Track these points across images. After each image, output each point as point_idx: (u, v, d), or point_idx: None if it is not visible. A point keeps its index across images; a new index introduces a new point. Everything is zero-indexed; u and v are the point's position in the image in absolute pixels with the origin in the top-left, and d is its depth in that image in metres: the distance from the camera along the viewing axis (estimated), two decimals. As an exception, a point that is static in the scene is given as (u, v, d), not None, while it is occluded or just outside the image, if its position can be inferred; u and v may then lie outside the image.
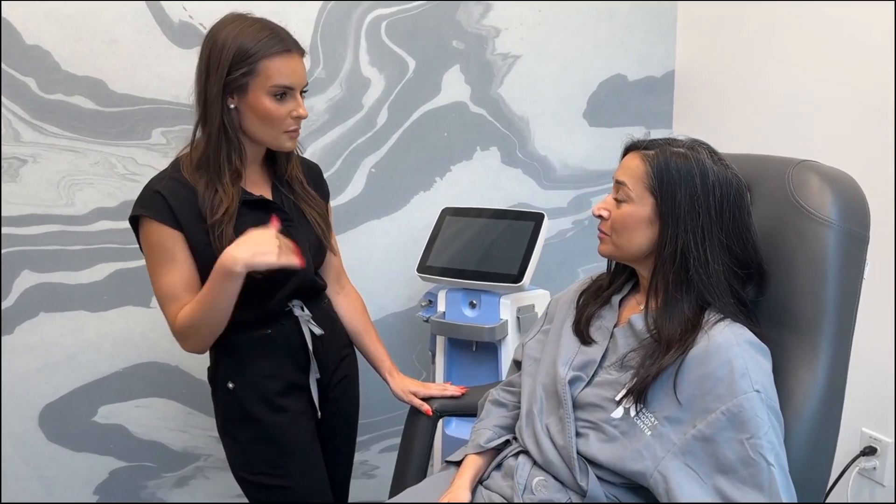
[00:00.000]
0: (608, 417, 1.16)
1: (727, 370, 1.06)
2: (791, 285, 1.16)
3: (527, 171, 2.23)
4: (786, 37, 1.93)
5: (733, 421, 1.04)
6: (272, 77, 1.34)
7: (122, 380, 2.01)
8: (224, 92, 1.34)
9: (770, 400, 1.06)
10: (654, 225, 1.17)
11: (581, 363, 1.24)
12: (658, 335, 1.14)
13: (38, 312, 1.91)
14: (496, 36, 2.12)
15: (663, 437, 1.10)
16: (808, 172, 1.19)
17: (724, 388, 1.05)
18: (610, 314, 1.27)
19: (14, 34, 1.76)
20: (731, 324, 1.12)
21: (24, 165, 1.83)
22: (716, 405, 1.05)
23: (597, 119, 2.27)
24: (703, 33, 2.23)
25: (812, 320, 1.13)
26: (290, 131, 1.39)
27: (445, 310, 1.87)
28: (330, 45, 1.99)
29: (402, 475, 1.53)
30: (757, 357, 1.09)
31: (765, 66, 2.01)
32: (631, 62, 2.27)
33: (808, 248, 1.14)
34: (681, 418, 1.09)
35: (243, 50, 1.33)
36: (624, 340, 1.21)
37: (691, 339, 1.12)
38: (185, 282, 1.36)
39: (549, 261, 2.26)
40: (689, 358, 1.10)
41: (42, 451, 1.98)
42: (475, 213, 1.92)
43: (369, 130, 2.07)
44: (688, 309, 1.15)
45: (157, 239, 1.34)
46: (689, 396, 1.09)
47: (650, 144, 1.20)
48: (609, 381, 1.19)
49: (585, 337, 1.26)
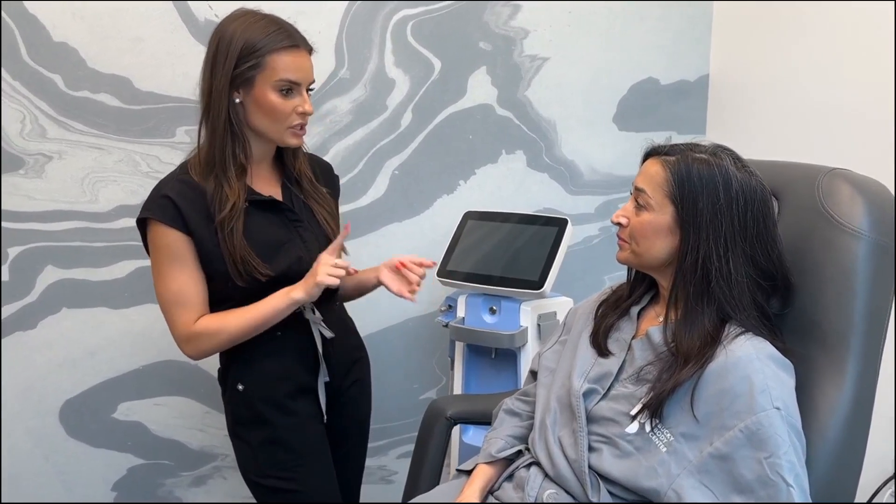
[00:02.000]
0: (622, 432, 1.13)
1: (746, 386, 1.03)
2: (818, 298, 1.12)
3: (553, 176, 2.21)
4: (826, 42, 1.88)
5: (752, 439, 1.01)
6: (278, 71, 1.35)
7: (141, 377, 2.03)
8: (230, 86, 1.35)
9: (791, 418, 1.03)
10: (674, 234, 1.14)
11: (597, 375, 1.21)
12: (676, 348, 1.12)
13: (61, 308, 1.94)
14: (524, 37, 2.11)
15: (679, 453, 1.07)
16: (838, 181, 1.15)
17: (743, 405, 1.02)
18: (628, 326, 1.25)
19: (42, 31, 1.79)
20: (752, 337, 1.09)
21: (50, 162, 1.86)
22: (734, 422, 1.02)
23: (626, 123, 2.24)
24: (740, 36, 2.18)
25: (840, 335, 1.09)
26: (294, 127, 1.39)
27: (465, 315, 1.86)
28: (355, 45, 1.99)
29: (415, 481, 1.52)
30: (778, 373, 1.06)
31: (803, 71, 1.96)
32: (663, 65, 2.23)
33: (836, 260, 1.11)
34: (697, 435, 1.06)
35: (251, 44, 1.34)
36: (641, 353, 1.19)
37: (710, 354, 1.09)
38: (193, 283, 1.38)
39: (574, 268, 2.23)
40: (708, 373, 1.07)
41: (62, 447, 2.01)
42: (497, 217, 1.90)
43: (393, 132, 2.07)
44: (708, 322, 1.12)
45: (165, 242, 1.35)
46: (707, 413, 1.06)
47: (671, 150, 1.17)
48: (625, 395, 1.16)
49: (603, 349, 1.24)
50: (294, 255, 1.44)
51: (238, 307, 1.41)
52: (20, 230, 1.87)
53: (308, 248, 1.47)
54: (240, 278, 1.37)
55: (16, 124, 1.82)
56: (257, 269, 1.38)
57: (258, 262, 1.38)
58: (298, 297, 1.37)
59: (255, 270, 1.38)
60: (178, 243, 1.36)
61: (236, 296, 1.41)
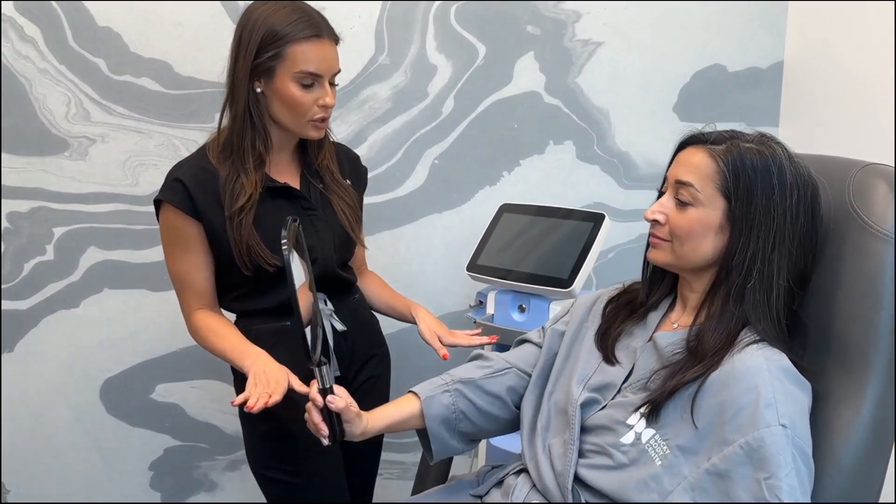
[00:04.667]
0: (617, 442, 1.08)
1: (752, 397, 0.96)
2: (839, 307, 1.03)
3: (605, 169, 2.13)
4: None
5: (752, 456, 0.94)
6: (299, 63, 1.35)
7: (178, 359, 2.11)
8: (251, 75, 1.36)
9: (799, 439, 0.95)
10: (724, 231, 1.07)
11: (598, 384, 1.16)
12: (697, 347, 1.05)
13: (103, 288, 2.04)
14: (576, 21, 2.04)
15: (674, 468, 1.01)
16: (873, 178, 1.05)
17: (746, 419, 0.95)
18: (642, 333, 1.18)
19: (87, 16, 1.88)
20: (766, 347, 1.02)
21: (93, 145, 1.95)
22: (734, 437, 0.96)
23: (689, 113, 2.13)
24: (819, 19, 2.03)
25: (860, 350, 1.00)
26: (315, 120, 1.39)
27: (494, 312, 1.82)
28: (396, 29, 1.99)
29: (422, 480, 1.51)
30: (790, 387, 0.98)
31: (891, 59, 1.79)
32: (731, 51, 2.11)
33: (862, 266, 1.02)
34: (695, 448, 1.00)
35: (272, 32, 1.34)
36: (644, 359, 1.13)
37: (718, 358, 1.02)
38: (197, 270, 1.42)
39: (628, 266, 2.15)
40: (711, 381, 1.01)
41: (102, 423, 2.12)
42: (534, 210, 1.85)
43: (434, 120, 2.05)
44: (734, 325, 1.05)
45: (173, 225, 1.40)
46: (708, 424, 0.99)
47: (717, 138, 1.09)
48: (623, 404, 1.11)
49: (609, 355, 1.18)
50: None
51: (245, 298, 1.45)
52: (65, 211, 1.98)
53: (320, 238, 1.47)
54: (245, 267, 1.40)
55: (61, 107, 1.92)
56: (265, 258, 1.39)
57: (266, 253, 1.40)
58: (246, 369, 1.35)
59: (263, 260, 1.39)
60: (186, 228, 1.39)
61: (243, 285, 1.44)
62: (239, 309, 1.52)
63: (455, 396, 1.26)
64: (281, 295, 1.45)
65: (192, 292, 1.43)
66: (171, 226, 1.41)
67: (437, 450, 1.26)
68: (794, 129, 2.13)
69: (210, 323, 1.43)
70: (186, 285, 1.43)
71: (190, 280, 1.42)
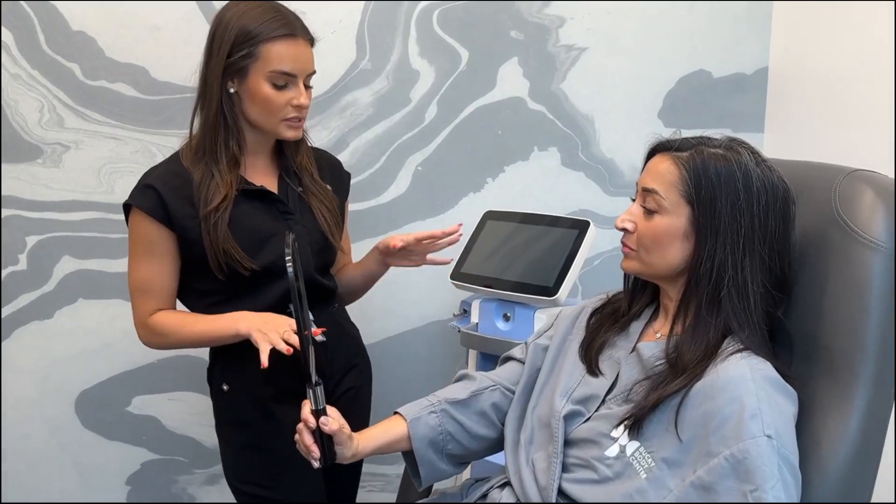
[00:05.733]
0: (602, 455, 1.07)
1: (736, 408, 0.95)
2: (826, 315, 1.03)
3: (590, 175, 2.13)
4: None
5: (737, 469, 0.93)
6: (272, 62, 1.34)
7: (156, 371, 2.08)
8: (224, 75, 1.35)
9: (785, 450, 0.94)
10: (689, 239, 1.07)
11: (582, 396, 1.15)
12: (676, 360, 1.04)
13: (77, 298, 2.01)
14: (560, 26, 2.04)
15: (659, 482, 1.00)
16: (859, 184, 1.05)
17: (731, 430, 0.95)
18: (625, 344, 1.17)
19: (60, 20, 1.86)
20: (751, 356, 1.01)
21: (67, 151, 1.92)
22: (719, 449, 0.95)
23: (674, 119, 2.13)
24: (804, 25, 2.04)
25: (848, 358, 1.00)
26: (289, 119, 1.38)
27: (479, 321, 1.81)
28: (377, 34, 1.98)
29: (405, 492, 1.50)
30: (775, 397, 0.98)
31: (877, 64, 1.80)
32: (716, 57, 2.11)
33: (849, 274, 1.01)
34: (681, 461, 0.99)
35: (245, 31, 1.34)
36: (628, 370, 1.12)
37: (701, 369, 1.01)
38: (161, 277, 1.40)
39: (613, 274, 2.13)
40: (695, 392, 1.00)
41: (77, 437, 2.08)
42: (518, 218, 1.84)
43: (417, 126, 2.04)
44: (712, 335, 1.05)
45: (143, 231, 1.38)
46: (692, 436, 0.99)
47: (682, 144, 1.10)
48: (607, 416, 1.10)
49: (593, 366, 1.17)
50: (281, 248, 1.43)
51: (221, 304, 1.42)
52: (38, 219, 1.95)
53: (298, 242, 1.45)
54: (220, 272, 1.38)
55: (34, 113, 1.89)
56: (241, 262, 1.38)
57: (242, 256, 1.38)
58: (242, 331, 1.34)
59: (239, 264, 1.38)
60: (155, 235, 1.38)
61: (217, 291, 1.41)
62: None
63: (442, 417, 1.24)
64: (257, 300, 1.44)
65: (151, 298, 1.41)
66: (140, 231, 1.39)
67: (426, 474, 1.23)
68: (778, 135, 2.13)
69: (171, 318, 1.41)
70: (146, 291, 1.41)
71: (151, 286, 1.41)
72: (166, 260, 1.39)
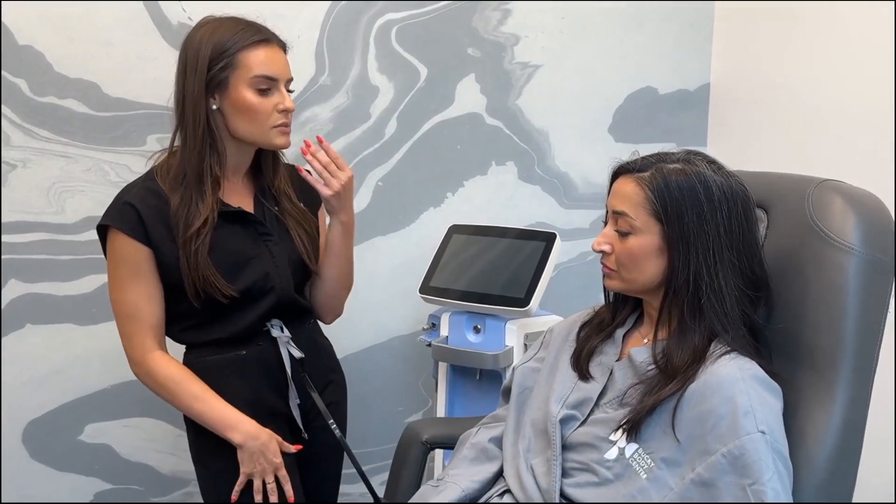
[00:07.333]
0: (601, 458, 1.12)
1: (730, 407, 1.02)
2: (807, 317, 1.11)
3: (546, 189, 2.20)
4: (835, 47, 1.86)
5: (735, 464, 0.99)
6: (252, 67, 1.35)
7: (109, 397, 2.02)
8: (206, 92, 1.35)
9: (777, 443, 1.02)
10: (663, 253, 1.13)
11: (576, 401, 1.20)
12: (666, 365, 1.10)
13: (25, 324, 1.93)
14: (515, 44, 2.11)
15: (660, 481, 1.06)
16: (830, 193, 1.14)
17: (726, 428, 1.01)
18: (612, 349, 1.24)
19: (7, 34, 1.80)
20: (738, 357, 1.09)
21: (14, 171, 1.86)
22: (716, 446, 1.01)
23: (623, 134, 2.23)
24: (743, 43, 2.18)
25: (829, 356, 1.08)
26: (278, 126, 1.39)
27: (448, 334, 1.84)
28: (336, 50, 2.00)
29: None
30: (764, 395, 1.05)
31: (811, 78, 1.94)
32: (662, 74, 2.23)
33: (826, 277, 1.10)
34: (679, 460, 1.05)
35: (220, 45, 1.35)
36: (622, 376, 1.18)
37: (692, 373, 1.08)
38: (148, 300, 1.38)
39: (569, 285, 2.22)
40: (689, 394, 1.07)
41: (25, 470, 1.99)
42: (483, 231, 1.89)
43: (377, 142, 2.07)
44: (698, 340, 1.11)
45: (125, 253, 1.36)
46: (689, 436, 1.05)
47: (643, 164, 1.16)
48: (604, 420, 1.15)
49: (584, 372, 1.23)
50: (261, 271, 1.43)
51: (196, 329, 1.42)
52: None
53: (276, 264, 1.46)
54: (196, 299, 1.37)
55: (-22, 131, 1.83)
56: (220, 289, 1.37)
57: (221, 283, 1.37)
58: (234, 441, 1.38)
59: (217, 291, 1.37)
60: (138, 255, 1.36)
61: (192, 315, 1.41)
62: (189, 340, 1.49)
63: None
64: (233, 325, 1.43)
65: (145, 327, 1.38)
66: (122, 253, 1.36)
67: None
68: (721, 147, 2.26)
69: (173, 373, 1.40)
70: (136, 318, 1.38)
71: (140, 312, 1.37)
72: (152, 282, 1.37)
